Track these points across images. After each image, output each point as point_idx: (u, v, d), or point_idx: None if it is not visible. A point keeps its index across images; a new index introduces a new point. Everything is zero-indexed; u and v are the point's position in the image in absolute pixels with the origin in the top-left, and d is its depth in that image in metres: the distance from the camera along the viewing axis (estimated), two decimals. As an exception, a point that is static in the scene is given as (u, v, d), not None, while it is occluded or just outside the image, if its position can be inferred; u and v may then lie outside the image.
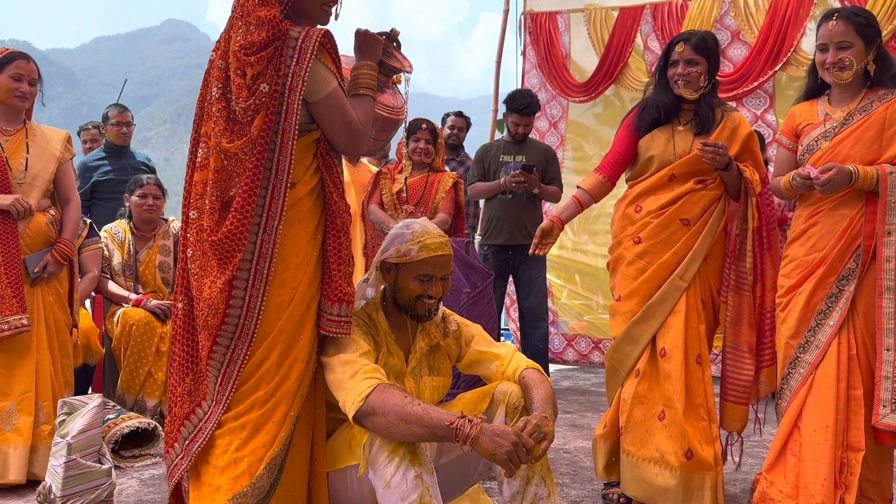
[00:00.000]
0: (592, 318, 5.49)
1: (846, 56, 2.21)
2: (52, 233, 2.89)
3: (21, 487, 2.60)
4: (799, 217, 2.36)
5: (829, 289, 2.23)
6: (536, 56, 5.77)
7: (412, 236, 1.87)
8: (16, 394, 2.68)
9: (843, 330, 2.21)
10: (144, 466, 2.95)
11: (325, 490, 1.81)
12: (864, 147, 2.22)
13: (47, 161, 2.87)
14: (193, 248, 1.74)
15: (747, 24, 4.82)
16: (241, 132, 1.67)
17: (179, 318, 1.78)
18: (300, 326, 1.73)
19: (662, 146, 2.50)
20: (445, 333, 1.99)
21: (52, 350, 2.84)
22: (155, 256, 3.80)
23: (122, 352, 3.48)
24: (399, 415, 1.59)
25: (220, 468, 1.66)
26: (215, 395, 1.69)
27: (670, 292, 2.43)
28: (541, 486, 1.74)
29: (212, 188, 1.70)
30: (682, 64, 2.45)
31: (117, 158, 4.55)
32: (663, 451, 2.35)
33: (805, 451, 2.18)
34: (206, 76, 1.81)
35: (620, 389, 2.50)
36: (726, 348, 2.54)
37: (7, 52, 2.84)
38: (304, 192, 1.74)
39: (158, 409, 3.45)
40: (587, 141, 5.62)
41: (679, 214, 2.45)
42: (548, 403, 1.72)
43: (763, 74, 4.77)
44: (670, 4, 5.15)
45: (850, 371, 2.18)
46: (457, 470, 1.84)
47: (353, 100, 1.77)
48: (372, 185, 3.93)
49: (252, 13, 1.67)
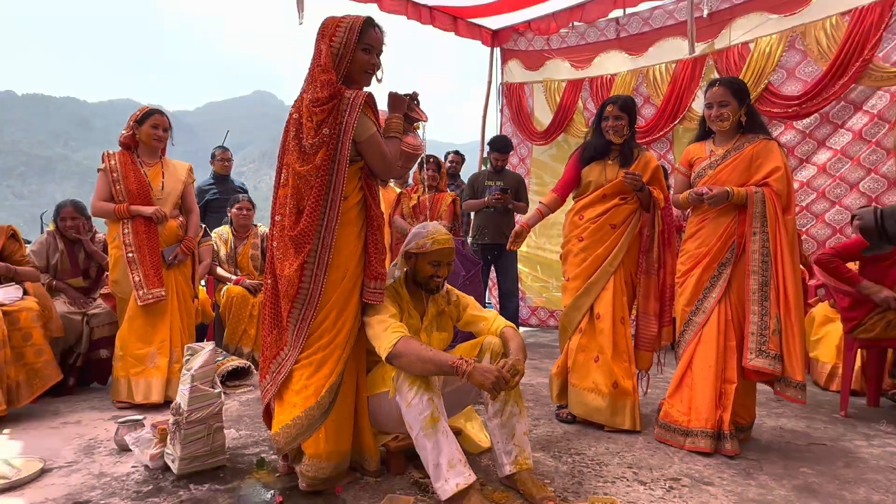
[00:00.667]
0: (548, 295, 5.49)
1: (725, 111, 2.21)
2: (180, 233, 2.89)
3: (160, 406, 2.63)
4: (692, 223, 2.35)
5: (712, 272, 2.23)
6: (510, 113, 5.75)
7: (427, 234, 1.87)
8: (156, 342, 2.70)
9: (723, 300, 2.21)
10: (242, 393, 2.97)
11: (366, 408, 1.82)
12: (737, 174, 2.21)
13: (176, 183, 2.88)
14: (277, 241, 1.75)
15: (655, 92, 4.81)
16: (308, 161, 1.68)
17: (268, 291, 1.79)
18: (349, 296, 1.73)
19: (597, 174, 2.50)
20: (448, 302, 2.00)
21: (181, 312, 2.84)
22: (248, 250, 3.81)
23: (227, 315, 3.49)
24: (417, 357, 1.60)
25: (295, 391, 1.67)
26: (292, 343, 1.70)
27: (603, 275, 2.44)
28: (514, 406, 1.75)
29: (290, 200, 1.71)
30: (612, 119, 2.44)
31: (222, 184, 4.54)
32: (598, 383, 2.36)
33: (695, 383, 2.18)
34: (286, 126, 1.80)
35: (568, 342, 2.50)
36: (639, 313, 2.54)
37: (148, 109, 2.85)
38: (353, 204, 1.74)
39: (251, 355, 3.45)
40: (545, 172, 5.60)
41: (609, 221, 2.45)
42: (520, 351, 1.73)
43: (666, 127, 4.75)
44: (601, 78, 5.13)
45: (726, 328, 2.19)
46: (456, 395, 1.85)
47: (386, 140, 1.77)
48: (395, 202, 3.93)
49: (318, 78, 1.68)
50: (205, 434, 1.83)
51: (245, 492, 1.72)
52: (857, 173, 3.85)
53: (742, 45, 4.32)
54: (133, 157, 2.78)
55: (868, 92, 3.80)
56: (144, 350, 2.66)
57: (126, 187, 2.70)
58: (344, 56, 1.70)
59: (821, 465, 2.02)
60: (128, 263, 2.65)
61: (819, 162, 4.02)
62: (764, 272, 2.13)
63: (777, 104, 4.13)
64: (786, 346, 2.08)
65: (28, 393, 2.49)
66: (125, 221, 2.67)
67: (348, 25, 1.70)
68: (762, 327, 2.11)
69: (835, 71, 3.83)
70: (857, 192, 3.85)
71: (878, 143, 3.76)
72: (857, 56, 3.73)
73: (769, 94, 4.18)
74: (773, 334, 2.08)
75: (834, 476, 1.92)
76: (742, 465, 1.99)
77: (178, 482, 1.78)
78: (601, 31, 5.20)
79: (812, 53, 3.99)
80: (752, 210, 2.14)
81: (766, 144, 2.20)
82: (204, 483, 1.77)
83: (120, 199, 2.70)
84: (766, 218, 2.13)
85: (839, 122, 3.95)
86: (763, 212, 2.13)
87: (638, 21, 5.00)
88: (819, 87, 3.91)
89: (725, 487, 1.80)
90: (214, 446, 1.86)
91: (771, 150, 2.19)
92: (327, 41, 1.69)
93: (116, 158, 2.75)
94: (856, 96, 3.86)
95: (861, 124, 3.84)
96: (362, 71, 1.75)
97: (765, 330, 2.10)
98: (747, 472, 1.93)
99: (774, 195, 2.13)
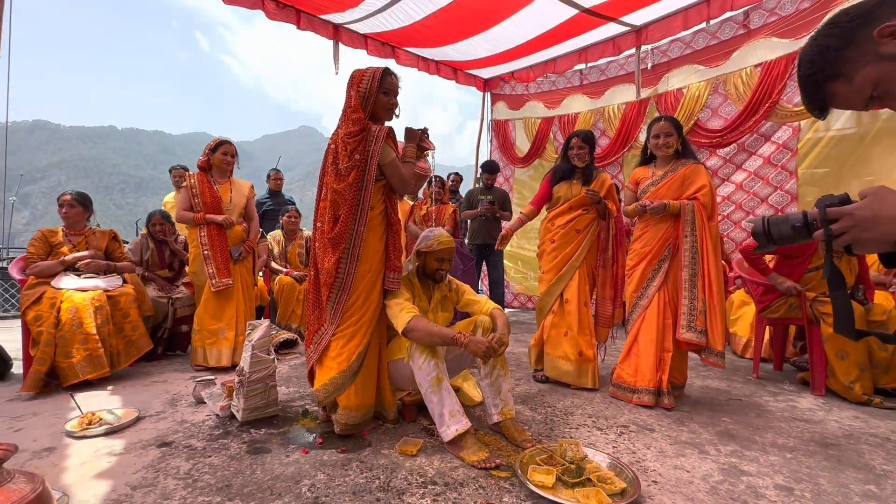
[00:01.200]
0: (528, 284, 5.46)
1: (670, 140, 2.20)
2: (244, 236, 2.88)
3: (228, 369, 2.63)
4: (638, 228, 2.34)
5: (654, 266, 2.22)
6: (497, 143, 5.72)
7: (433, 237, 1.86)
8: (225, 319, 2.69)
9: (661, 288, 2.20)
10: (291, 359, 2.96)
11: (386, 370, 1.82)
12: (673, 191, 2.20)
13: (240, 198, 2.86)
14: (318, 241, 1.74)
15: (610, 126, 4.78)
16: (343, 180, 1.67)
17: (311, 281, 1.78)
18: (374, 284, 1.72)
19: (566, 191, 2.48)
20: (450, 289, 1.98)
21: (244, 297, 2.82)
22: (296, 249, 3.79)
23: (279, 299, 3.48)
24: (426, 331, 1.59)
25: (332, 357, 1.67)
26: (330, 320, 1.69)
27: (570, 269, 2.42)
28: (500, 370, 1.74)
29: (329, 210, 1.70)
30: (576, 148, 2.43)
31: (275, 198, 4.52)
32: (566, 352, 2.35)
33: (641, 352, 2.17)
34: (325, 153, 1.79)
35: (543, 321, 2.49)
36: (598, 298, 2.53)
37: (220, 140, 2.84)
38: (377, 213, 1.73)
39: (298, 329, 3.45)
40: (525, 188, 5.58)
41: (574, 227, 2.43)
42: (505, 327, 1.72)
43: (618, 153, 4.73)
44: (568, 115, 5.10)
45: (664, 309, 2.17)
46: (456, 361, 1.84)
47: (403, 164, 1.76)
48: (409, 212, 3.92)
49: (350, 117, 1.67)
50: (262, 390, 1.83)
51: (293, 435, 1.72)
52: (766, 190, 3.83)
53: (677, 90, 4.29)
54: (208, 177, 2.77)
55: (775, 127, 3.78)
56: (216, 325, 2.66)
57: (202, 200, 2.70)
58: (369, 98, 1.69)
59: (738, 415, 2.02)
60: (203, 259, 2.65)
61: (737, 181, 4.00)
62: (693, 266, 2.12)
63: (704, 136, 4.11)
64: (709, 323, 2.07)
65: (126, 359, 2.49)
66: (202, 227, 2.67)
67: (371, 75, 1.69)
68: (691, 308, 2.10)
69: (749, 110, 3.80)
70: (767, 204, 3.83)
71: (783, 166, 3.74)
72: (767, 99, 3.71)
73: (698, 128, 4.15)
74: (699, 314, 2.07)
75: (748, 424, 1.91)
76: (677, 416, 1.98)
77: (241, 427, 1.78)
78: (568, 79, 5.17)
79: (731, 97, 3.96)
80: (685, 218, 2.13)
81: (696, 167, 2.19)
82: (261, 428, 1.77)
83: (198, 209, 2.70)
84: (695, 224, 2.12)
85: (753, 150, 3.93)
86: (693, 219, 2.12)
87: (597, 72, 4.98)
88: (737, 123, 3.89)
89: (664, 432, 1.80)
90: (269, 400, 1.86)
91: (699, 171, 2.17)
92: (356, 88, 1.69)
93: (195, 178, 2.74)
94: (765, 130, 3.83)
95: (769, 152, 3.82)
96: (384, 109, 1.74)
97: (693, 311, 2.09)
98: (681, 421, 1.92)
99: (702, 206, 2.12)
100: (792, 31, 3.61)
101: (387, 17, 3.90)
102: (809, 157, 3.60)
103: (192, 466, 1.45)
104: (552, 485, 1.29)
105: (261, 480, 1.37)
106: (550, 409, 2.04)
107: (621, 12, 3.86)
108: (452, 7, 3.69)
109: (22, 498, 0.93)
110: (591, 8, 3.74)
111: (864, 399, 2.17)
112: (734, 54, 3.94)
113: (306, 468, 1.44)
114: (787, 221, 0.80)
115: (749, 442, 1.73)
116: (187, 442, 1.64)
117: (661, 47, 4.41)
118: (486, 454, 1.49)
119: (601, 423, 1.88)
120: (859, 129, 3.39)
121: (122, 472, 1.42)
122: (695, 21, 3.80)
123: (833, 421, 1.96)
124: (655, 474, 1.44)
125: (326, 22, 3.97)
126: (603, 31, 4.18)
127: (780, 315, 2.59)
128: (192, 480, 1.37)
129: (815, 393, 2.33)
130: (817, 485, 1.41)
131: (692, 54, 4.23)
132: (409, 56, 4.65)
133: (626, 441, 1.71)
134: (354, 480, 1.37)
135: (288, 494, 1.29)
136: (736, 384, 2.52)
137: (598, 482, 1.31)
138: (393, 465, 1.46)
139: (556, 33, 4.18)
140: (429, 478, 1.39)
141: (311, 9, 3.75)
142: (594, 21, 3.96)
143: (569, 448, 1.47)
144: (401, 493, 1.30)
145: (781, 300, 2.57)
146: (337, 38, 4.06)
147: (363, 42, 4.29)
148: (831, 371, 2.28)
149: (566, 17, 3.88)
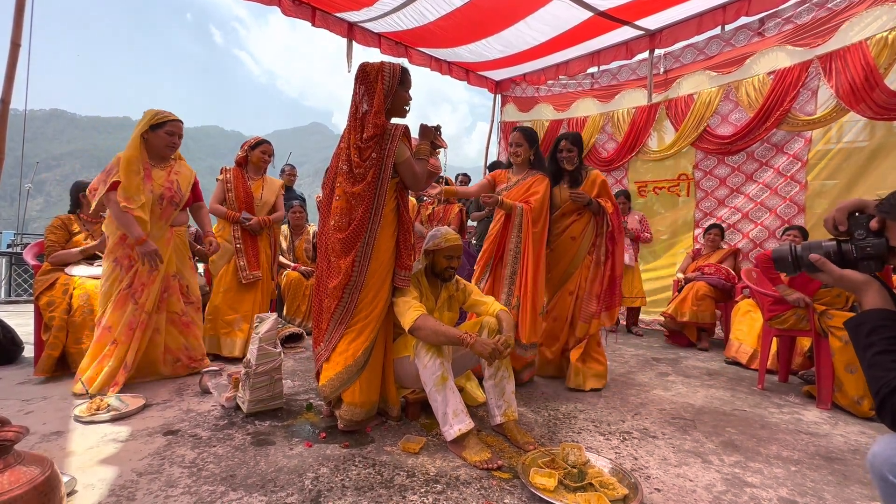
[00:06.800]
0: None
1: (520, 150, 2.35)
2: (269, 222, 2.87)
3: (238, 359, 2.64)
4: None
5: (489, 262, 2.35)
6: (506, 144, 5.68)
7: (441, 235, 1.86)
8: (242, 311, 2.71)
9: (488, 281, 2.32)
10: (296, 353, 2.96)
11: (391, 368, 1.81)
12: (520, 195, 2.31)
13: (271, 195, 2.89)
14: (332, 241, 1.70)
15: (618, 131, 4.74)
16: (359, 182, 1.65)
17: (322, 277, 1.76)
18: (384, 281, 1.71)
19: (555, 196, 2.49)
20: (457, 289, 1.97)
21: (263, 291, 2.82)
22: (303, 244, 3.81)
23: (286, 293, 3.50)
24: (432, 330, 1.58)
25: (339, 352, 1.66)
26: (341, 318, 1.68)
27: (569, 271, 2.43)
28: (505, 371, 1.73)
29: (345, 211, 1.67)
30: (565, 151, 2.45)
31: (286, 193, 4.54)
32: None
33: None
34: (335, 154, 1.77)
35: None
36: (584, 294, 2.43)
37: (260, 139, 2.94)
38: (389, 210, 1.72)
39: (304, 324, 3.46)
40: (532, 191, 5.58)
41: (570, 234, 2.44)
42: (510, 329, 1.71)
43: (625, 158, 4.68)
44: (577, 118, 5.06)
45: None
46: (461, 361, 1.83)
47: (417, 162, 1.75)
48: (416, 211, 3.91)
49: (371, 121, 1.65)
50: (268, 383, 1.84)
51: (297, 428, 1.72)
52: (774, 200, 3.78)
53: (688, 95, 4.25)
54: (243, 173, 2.82)
55: (788, 136, 3.73)
56: (233, 317, 2.68)
57: (236, 195, 2.75)
58: (389, 93, 1.68)
59: (742, 426, 1.99)
60: (235, 252, 2.71)
61: (746, 191, 3.95)
62: (514, 265, 2.23)
63: (713, 142, 4.06)
64: (520, 317, 2.16)
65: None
66: (235, 224, 2.74)
67: (391, 70, 1.68)
68: (507, 303, 2.20)
69: (760, 118, 3.76)
70: (774, 214, 3.78)
71: (793, 177, 3.68)
72: (779, 107, 3.66)
73: (707, 133, 4.11)
74: (512, 308, 2.17)
75: (752, 435, 1.88)
76: (680, 424, 1.96)
77: (246, 419, 1.78)
78: (579, 82, 5.14)
79: (743, 104, 3.91)
80: (514, 221, 2.24)
81: (542, 178, 2.29)
82: (266, 420, 1.78)
83: (231, 203, 2.75)
84: (521, 226, 2.22)
85: (763, 160, 3.88)
86: (520, 222, 2.23)
87: (608, 75, 4.94)
88: (746, 130, 3.84)
89: (667, 440, 1.77)
90: (275, 392, 1.86)
91: (542, 182, 2.28)
92: (380, 83, 1.66)
93: (231, 172, 2.79)
94: (777, 140, 3.78)
95: (780, 163, 3.76)
96: (402, 105, 1.74)
97: (508, 305, 2.19)
98: (684, 430, 1.90)
99: (530, 210, 2.22)
100: (807, 39, 3.56)
101: (401, 16, 3.89)
102: (818, 168, 3.55)
103: (198, 455, 1.46)
104: (554, 488, 1.28)
105: (265, 472, 1.37)
106: (553, 412, 2.03)
107: (636, 16, 3.82)
108: (467, 8, 3.67)
109: (31, 480, 0.93)
110: (607, 11, 3.71)
111: (872, 414, 2.13)
112: (747, 61, 3.89)
113: (309, 462, 1.44)
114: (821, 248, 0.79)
115: (753, 453, 1.70)
116: (193, 431, 1.65)
117: (674, 53, 4.37)
118: (489, 455, 1.48)
119: (603, 428, 1.86)
120: (871, 141, 3.33)
121: (129, 458, 1.43)
122: (709, 26, 3.76)
123: (839, 435, 1.93)
124: (658, 482, 1.43)
125: (341, 20, 3.97)
126: (617, 34, 4.14)
127: (788, 326, 2.55)
128: (197, 469, 1.37)
129: (821, 406, 2.29)
130: (822, 499, 1.38)
131: (705, 60, 4.19)
132: (421, 56, 4.64)
133: (628, 447, 1.68)
134: (357, 476, 1.36)
135: (291, 486, 1.29)
136: (740, 395, 2.48)
137: (600, 487, 1.30)
138: (395, 463, 1.45)
139: (570, 36, 4.15)
140: (431, 476, 1.38)
141: (326, 6, 3.75)
142: (608, 24, 3.93)
143: (571, 452, 1.45)
144: (403, 490, 1.29)
145: (790, 311, 2.53)
146: (351, 36, 4.06)
147: (377, 41, 4.28)
148: (839, 385, 2.24)
149: (581, 20, 3.85)
